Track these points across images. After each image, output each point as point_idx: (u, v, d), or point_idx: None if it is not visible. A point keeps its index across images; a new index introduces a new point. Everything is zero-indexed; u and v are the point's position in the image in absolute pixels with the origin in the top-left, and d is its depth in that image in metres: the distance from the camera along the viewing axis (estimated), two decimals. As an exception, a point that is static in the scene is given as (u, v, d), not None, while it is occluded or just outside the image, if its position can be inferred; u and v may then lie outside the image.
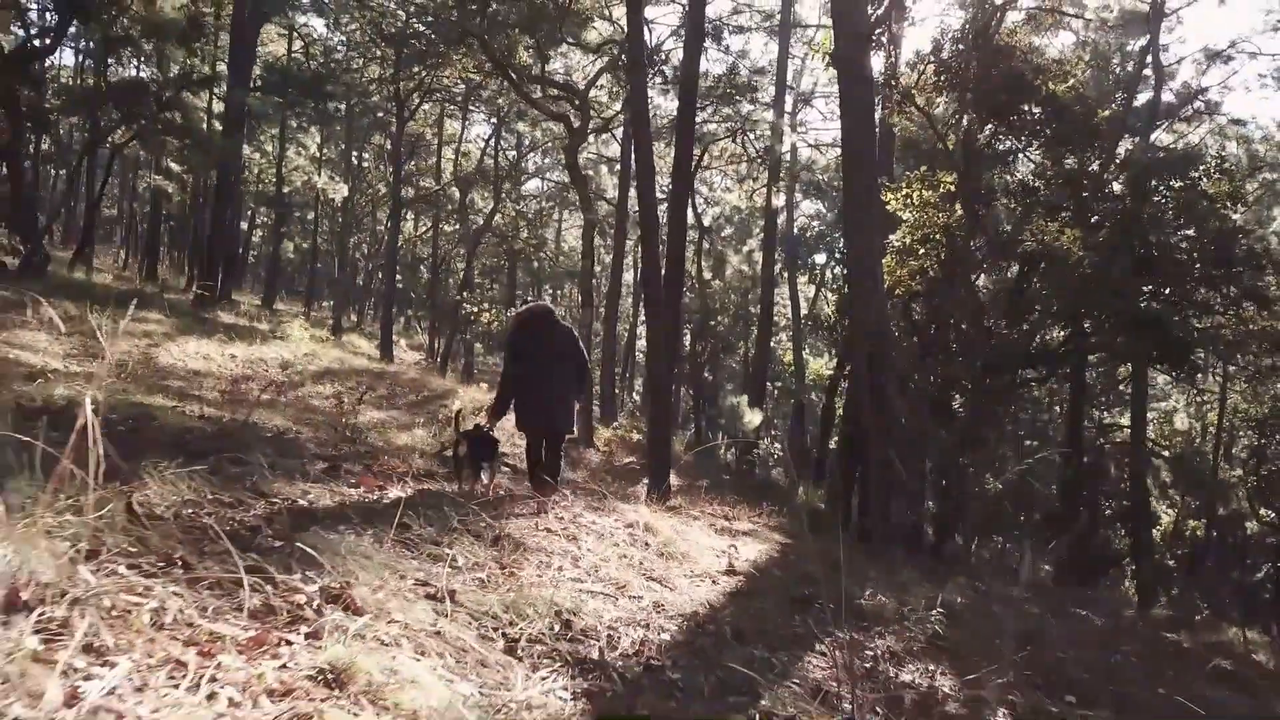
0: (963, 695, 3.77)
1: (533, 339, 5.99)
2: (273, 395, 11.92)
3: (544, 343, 5.98)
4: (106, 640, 2.12)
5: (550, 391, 5.90)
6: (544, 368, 5.87)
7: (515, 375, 5.97)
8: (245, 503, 3.68)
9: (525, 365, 5.90)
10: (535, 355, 5.89)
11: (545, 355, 5.91)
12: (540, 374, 5.84)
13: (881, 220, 8.53)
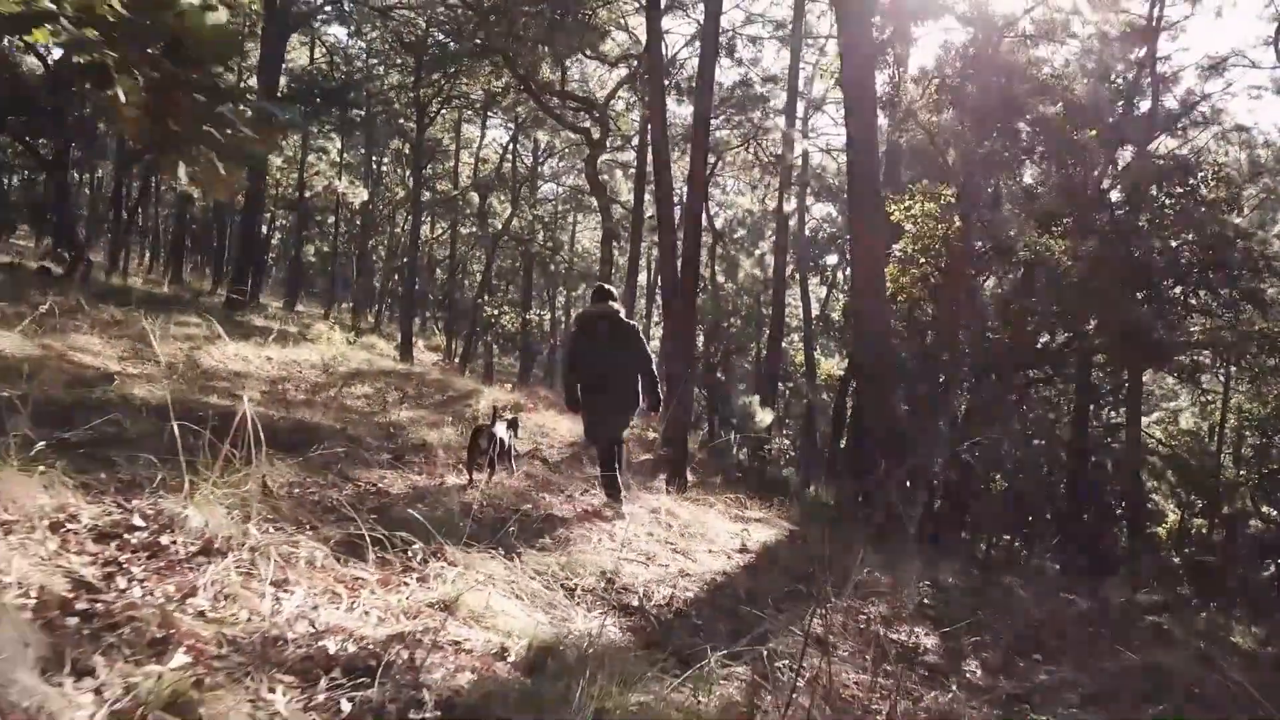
0: (940, 649, 4.49)
1: (593, 341, 5.79)
2: (308, 395, 12.73)
3: (606, 345, 5.75)
4: (282, 576, 2.90)
5: (611, 398, 5.72)
6: (605, 370, 5.69)
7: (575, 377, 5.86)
8: (337, 484, 4.45)
9: (586, 370, 5.77)
10: (596, 359, 5.71)
11: (607, 356, 5.71)
12: (601, 379, 5.69)
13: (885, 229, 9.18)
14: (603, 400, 5.74)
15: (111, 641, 2.22)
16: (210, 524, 3.07)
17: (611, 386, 5.71)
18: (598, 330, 5.83)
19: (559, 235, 28.82)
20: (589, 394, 5.79)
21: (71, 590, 2.37)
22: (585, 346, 5.83)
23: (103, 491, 3.29)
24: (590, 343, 5.80)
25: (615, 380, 5.72)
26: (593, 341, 5.79)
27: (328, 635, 2.47)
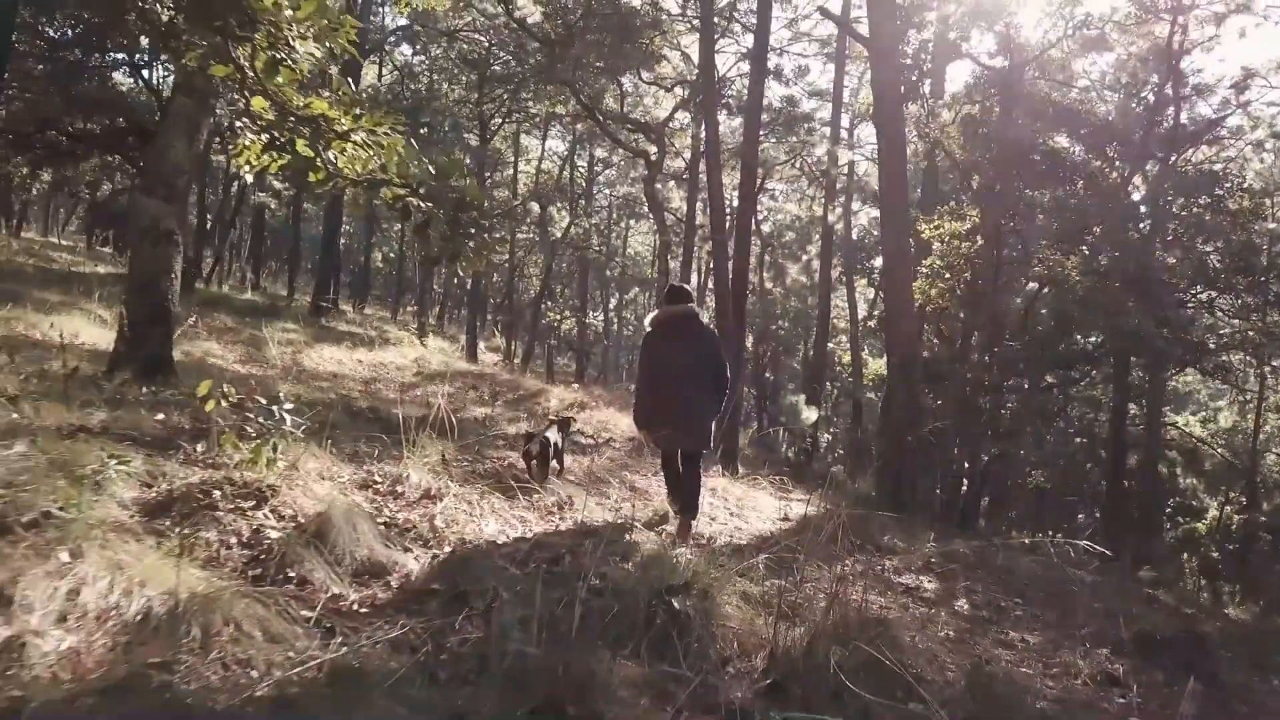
0: (938, 590, 5.91)
1: (669, 343, 5.42)
2: (399, 394, 14.52)
3: (682, 347, 5.40)
4: (478, 512, 4.51)
5: (686, 403, 5.36)
6: (680, 376, 5.35)
7: (650, 383, 5.50)
8: (479, 459, 6.07)
9: (660, 372, 5.40)
10: (671, 361, 5.37)
11: (682, 362, 5.37)
12: (676, 383, 5.34)
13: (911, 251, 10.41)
14: (684, 408, 5.34)
15: (407, 537, 3.85)
16: (422, 480, 4.71)
17: (695, 393, 5.36)
18: (678, 331, 5.45)
19: (613, 240, 30.48)
20: (661, 395, 5.39)
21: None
22: (664, 350, 5.42)
23: (346, 460, 4.95)
24: (671, 346, 5.40)
25: (697, 386, 5.36)
26: (674, 344, 5.39)
27: (522, 542, 4.07)
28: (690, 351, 5.41)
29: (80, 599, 2.51)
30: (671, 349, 5.42)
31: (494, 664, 2.76)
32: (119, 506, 3.35)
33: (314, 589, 3.09)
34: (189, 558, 2.99)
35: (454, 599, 3.27)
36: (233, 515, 3.54)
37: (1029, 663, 4.47)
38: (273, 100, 4.04)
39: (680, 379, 5.35)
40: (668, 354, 5.42)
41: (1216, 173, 14.46)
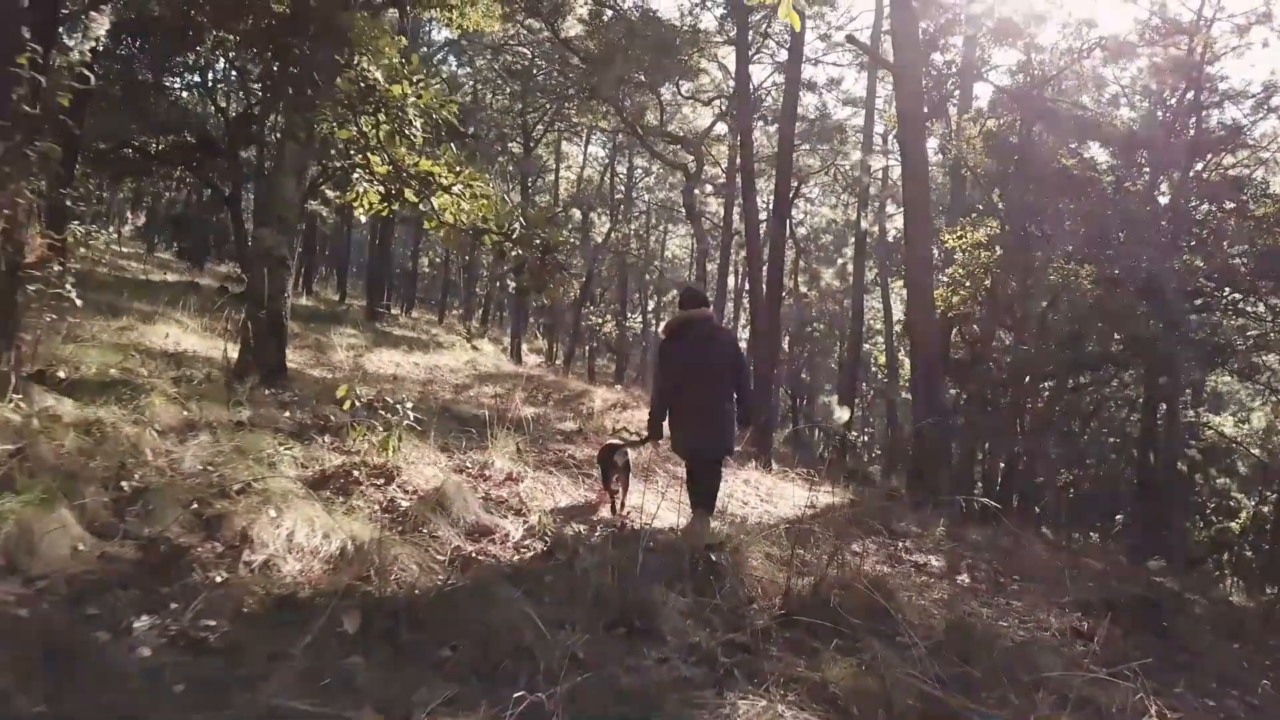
0: (943, 566, 6.85)
1: (689, 347, 5.39)
2: (454, 393, 15.73)
3: (703, 352, 5.38)
4: (551, 490, 5.60)
5: (710, 408, 5.37)
6: (703, 382, 5.35)
7: (671, 390, 5.46)
8: (544, 450, 7.16)
9: (682, 378, 5.37)
10: (692, 366, 5.35)
11: (704, 367, 5.36)
12: (698, 389, 5.34)
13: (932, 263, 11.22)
14: (706, 411, 5.37)
15: (501, 508, 4.95)
16: (504, 466, 5.81)
17: (716, 395, 5.40)
18: (696, 335, 5.44)
19: (651, 244, 31.57)
20: (690, 406, 5.38)
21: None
22: (683, 354, 5.40)
23: (439, 450, 6.06)
24: (689, 349, 5.39)
25: (719, 390, 5.41)
26: (692, 348, 5.39)
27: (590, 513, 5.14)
28: (711, 356, 5.39)
29: (294, 539, 3.63)
30: (692, 354, 5.38)
31: (579, 594, 3.82)
32: (289, 481, 4.49)
33: (441, 541, 4.18)
34: (352, 516, 4.11)
35: (544, 552, 4.35)
36: (372, 488, 4.66)
37: (1008, 619, 5.41)
38: (389, 159, 5.16)
39: (703, 385, 5.35)
40: (688, 360, 5.37)
41: (1241, 178, 15.02)
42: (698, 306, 5.68)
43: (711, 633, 3.78)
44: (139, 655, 2.55)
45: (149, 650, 2.60)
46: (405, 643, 2.93)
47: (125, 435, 4.50)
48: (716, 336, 5.61)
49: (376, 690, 2.52)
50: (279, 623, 2.92)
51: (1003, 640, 4.77)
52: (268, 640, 2.76)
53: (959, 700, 3.41)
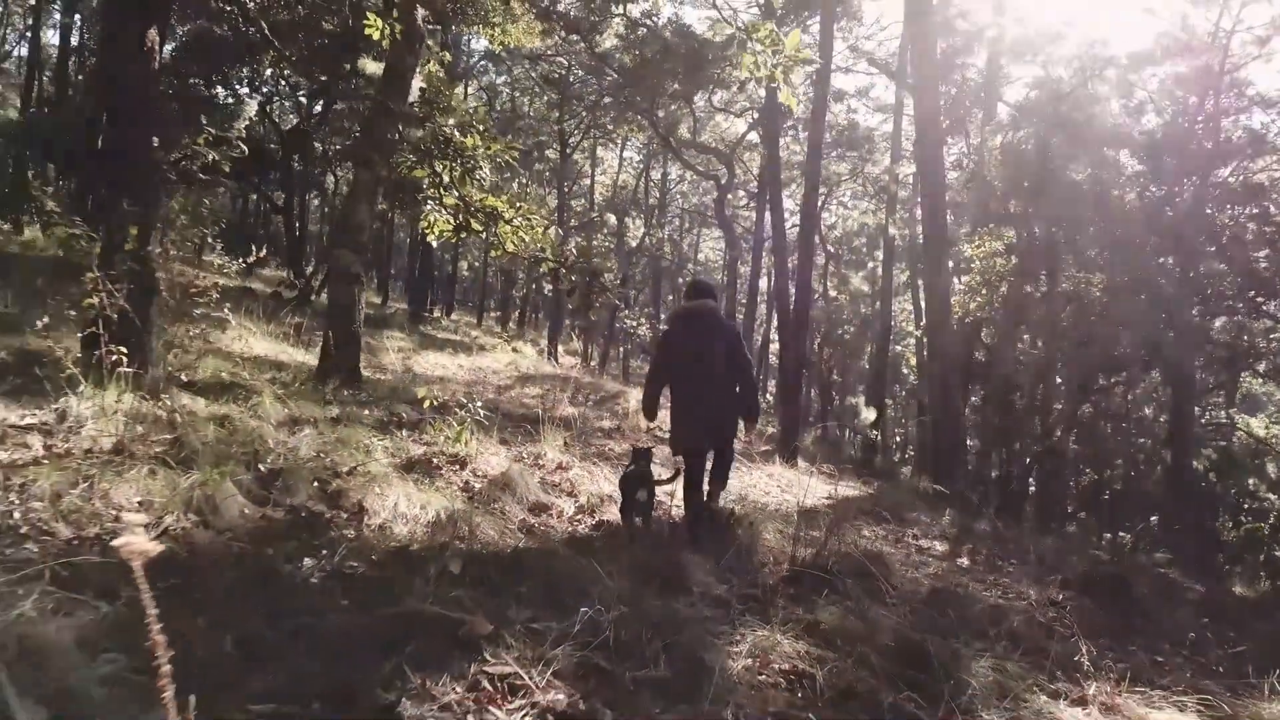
0: (945, 549, 7.72)
1: (690, 337, 5.48)
2: (498, 393, 16.83)
3: (704, 343, 5.44)
4: (595, 477, 6.60)
5: (714, 401, 5.45)
6: (704, 373, 5.40)
7: (671, 382, 5.57)
8: (587, 444, 8.16)
9: (680, 368, 5.49)
10: (692, 357, 5.42)
11: (706, 357, 5.40)
12: (699, 380, 5.40)
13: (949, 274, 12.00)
14: (706, 402, 5.44)
15: (555, 490, 5.96)
16: (555, 457, 6.83)
17: (716, 387, 5.45)
18: (698, 326, 5.50)
19: (684, 248, 32.55)
20: (689, 397, 5.48)
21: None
22: (684, 344, 5.51)
23: (498, 443, 7.09)
24: (689, 339, 5.47)
25: (719, 382, 5.45)
26: (692, 338, 5.46)
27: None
28: (712, 347, 5.42)
29: (399, 509, 4.67)
30: (691, 344, 5.44)
31: (623, 558, 4.80)
32: (384, 465, 5.53)
33: (510, 514, 5.20)
34: (439, 493, 5.14)
35: (595, 525, 5.35)
36: (450, 472, 5.70)
37: (991, 590, 6.28)
38: (459, 196, 6.20)
39: (702, 376, 5.41)
40: (688, 350, 5.44)
41: (1263, 184, 15.55)
42: (702, 299, 5.69)
43: (728, 587, 4.74)
44: (310, 582, 3.60)
45: (315, 579, 3.64)
46: (494, 582, 3.94)
47: (250, 428, 5.59)
48: (718, 328, 5.56)
49: (481, 609, 3.53)
50: (401, 566, 3.95)
51: (980, 604, 5.66)
52: (397, 576, 3.79)
53: (927, 638, 4.33)
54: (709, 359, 5.43)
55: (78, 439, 4.61)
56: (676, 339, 5.63)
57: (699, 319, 5.56)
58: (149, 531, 3.71)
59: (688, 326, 5.58)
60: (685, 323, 5.63)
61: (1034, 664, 4.51)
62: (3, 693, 1.61)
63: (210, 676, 2.55)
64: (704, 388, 5.45)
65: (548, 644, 3.30)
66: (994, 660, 4.34)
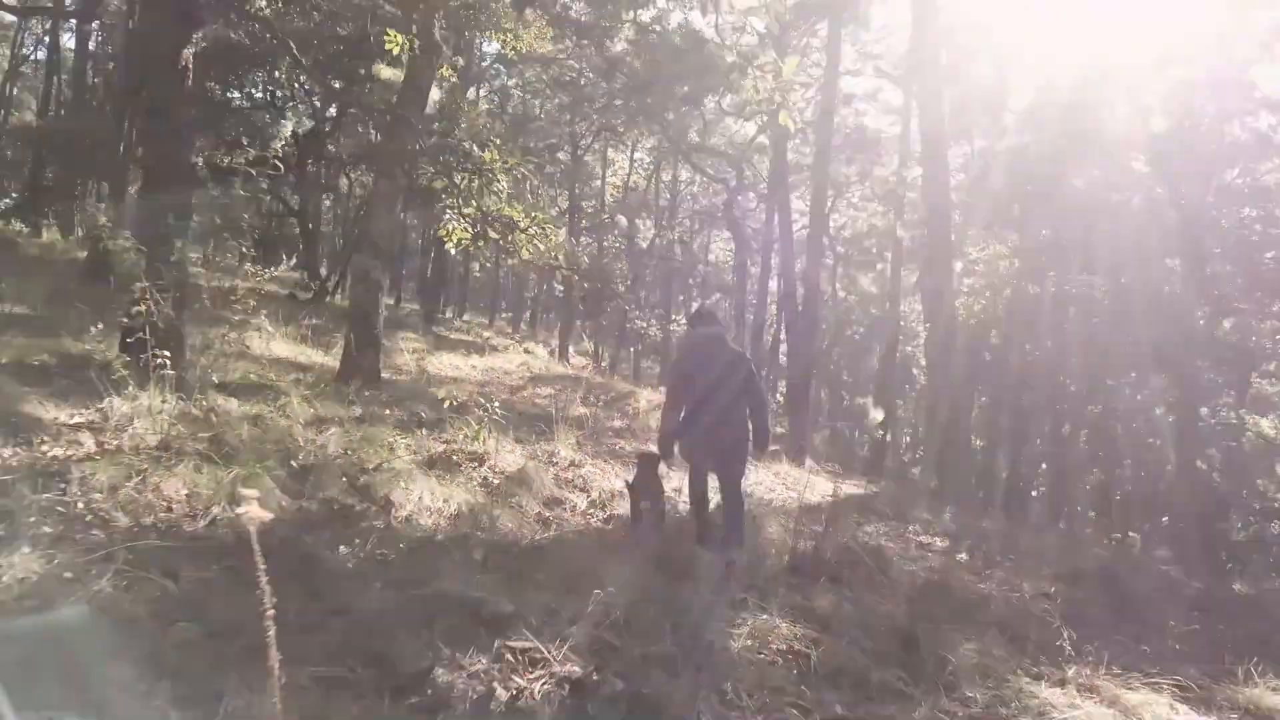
0: (945, 545, 8.02)
1: (702, 369, 5.47)
2: (511, 393, 17.21)
3: (716, 374, 5.42)
4: (607, 474, 6.95)
5: (723, 432, 5.42)
6: (718, 402, 5.38)
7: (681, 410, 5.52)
8: (599, 443, 8.50)
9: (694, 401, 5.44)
10: (705, 389, 5.39)
11: (719, 387, 5.38)
12: (714, 410, 5.37)
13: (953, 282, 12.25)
14: (720, 436, 5.40)
15: (569, 486, 6.31)
16: (568, 454, 7.17)
17: (730, 420, 5.43)
18: (710, 358, 5.50)
19: (695, 249, 32.87)
20: (702, 430, 5.41)
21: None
22: (697, 375, 5.47)
23: (514, 441, 7.44)
24: (702, 371, 5.45)
25: (733, 413, 5.45)
26: (706, 370, 5.44)
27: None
28: (724, 378, 5.41)
29: (423, 502, 5.02)
30: (704, 376, 5.42)
31: (634, 548, 5.14)
32: (407, 462, 5.89)
33: (526, 508, 5.55)
34: (460, 488, 5.49)
35: (606, 518, 5.69)
36: (469, 468, 6.06)
37: (985, 583, 6.58)
38: (477, 206, 6.55)
39: (718, 405, 5.38)
40: (701, 382, 5.42)
41: (1269, 186, 15.75)
42: (709, 327, 5.76)
43: (735, 575, 5.07)
44: (347, 566, 3.96)
45: (351, 564, 4.00)
46: (514, 569, 4.29)
47: (281, 427, 5.96)
48: (730, 358, 5.55)
49: (502, 593, 3.87)
50: (428, 553, 4.30)
51: (972, 595, 5.97)
52: (424, 562, 4.14)
53: (917, 624, 4.65)
54: (721, 390, 5.38)
55: (125, 436, 4.98)
56: (690, 371, 5.58)
57: (712, 349, 5.56)
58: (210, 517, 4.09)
59: (701, 358, 5.55)
60: (698, 354, 5.62)
61: (1019, 649, 4.83)
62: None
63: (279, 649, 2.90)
64: (716, 416, 5.39)
65: (564, 623, 3.63)
66: (980, 645, 4.66)
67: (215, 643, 2.88)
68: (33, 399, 5.44)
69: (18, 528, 3.47)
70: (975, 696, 3.95)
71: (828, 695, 3.66)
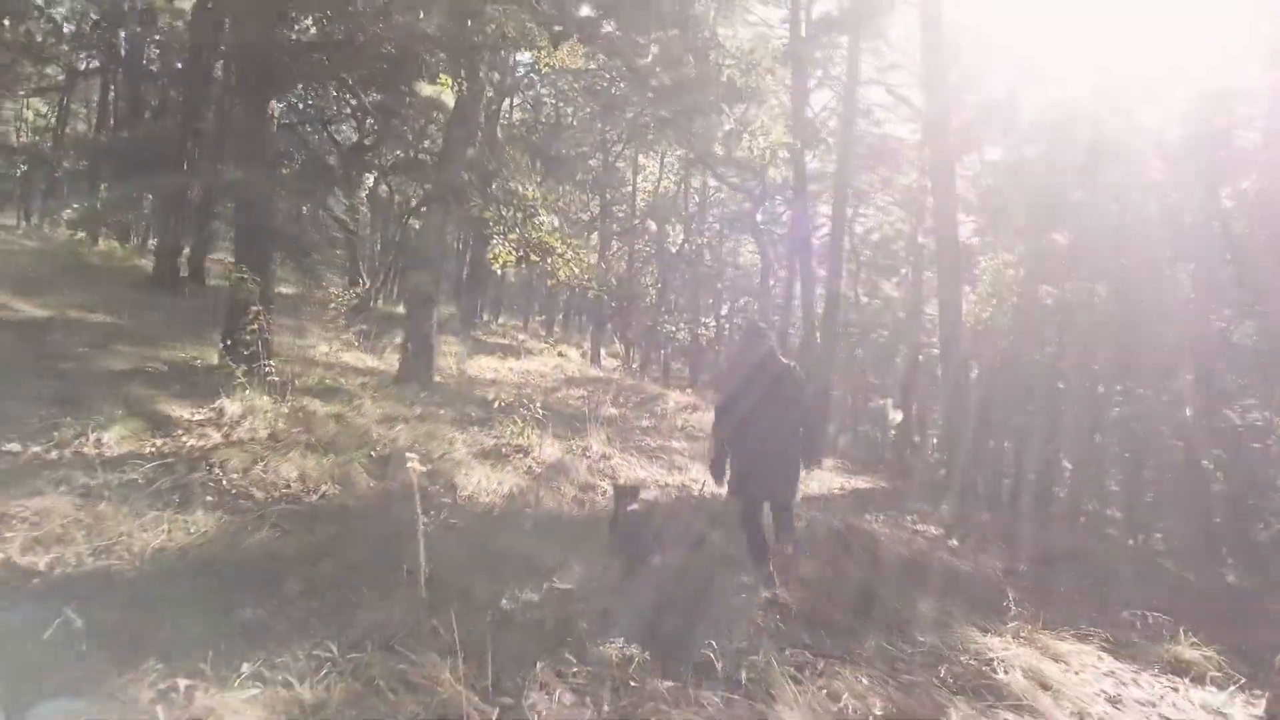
0: (939, 535, 9.04)
1: (754, 388, 5.39)
2: (545, 395, 18.43)
3: (769, 393, 5.36)
4: (634, 466, 8.11)
5: (776, 453, 5.34)
6: (768, 423, 5.31)
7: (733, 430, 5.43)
8: (627, 440, 9.64)
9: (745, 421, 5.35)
10: (757, 408, 5.33)
11: (769, 408, 5.33)
12: (764, 431, 5.30)
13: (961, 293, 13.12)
14: (770, 455, 5.35)
15: (600, 475, 7.48)
16: (599, 449, 8.34)
17: (781, 439, 5.36)
18: (762, 375, 5.42)
19: (723, 254, 33.92)
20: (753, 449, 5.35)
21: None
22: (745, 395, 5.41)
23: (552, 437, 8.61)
24: (754, 390, 5.40)
25: (783, 432, 5.37)
26: (756, 389, 5.39)
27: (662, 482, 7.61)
28: (777, 397, 5.37)
29: (481, 484, 6.22)
30: (756, 395, 5.36)
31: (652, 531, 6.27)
32: (464, 453, 7.09)
33: (564, 493, 6.71)
34: (510, 474, 6.68)
35: (632, 505, 6.83)
36: (515, 459, 7.24)
37: (964, 562, 7.61)
38: (520, 234, 7.73)
39: (768, 427, 5.31)
40: (753, 400, 5.35)
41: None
42: (761, 344, 5.62)
43: (737, 549, 6.18)
44: (428, 531, 5.14)
45: (430, 530, 5.18)
46: (557, 536, 5.45)
47: (359, 424, 7.19)
48: (782, 376, 5.43)
49: (551, 552, 5.03)
50: (488, 523, 5.48)
51: (949, 571, 7.01)
52: (486, 529, 5.32)
53: (885, 587, 5.72)
54: (773, 409, 5.34)
55: (242, 430, 6.24)
56: (739, 388, 5.45)
57: (763, 367, 5.44)
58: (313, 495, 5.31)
59: (752, 376, 5.42)
60: (748, 372, 5.47)
61: (974, 610, 5.88)
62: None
63: (387, 581, 4.10)
64: (768, 439, 5.33)
65: (596, 576, 4.79)
66: (940, 605, 5.72)
67: (349, 573, 4.08)
68: (160, 399, 6.73)
69: (190, 496, 4.71)
70: (924, 640, 5.01)
71: (801, 633, 4.76)
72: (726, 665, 3.76)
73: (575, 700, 3.18)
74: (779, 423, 5.33)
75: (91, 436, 5.42)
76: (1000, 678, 4.57)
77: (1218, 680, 5.48)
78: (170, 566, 3.83)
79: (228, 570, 3.87)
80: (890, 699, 3.93)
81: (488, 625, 3.61)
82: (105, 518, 4.19)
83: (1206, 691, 5.32)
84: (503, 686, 3.08)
